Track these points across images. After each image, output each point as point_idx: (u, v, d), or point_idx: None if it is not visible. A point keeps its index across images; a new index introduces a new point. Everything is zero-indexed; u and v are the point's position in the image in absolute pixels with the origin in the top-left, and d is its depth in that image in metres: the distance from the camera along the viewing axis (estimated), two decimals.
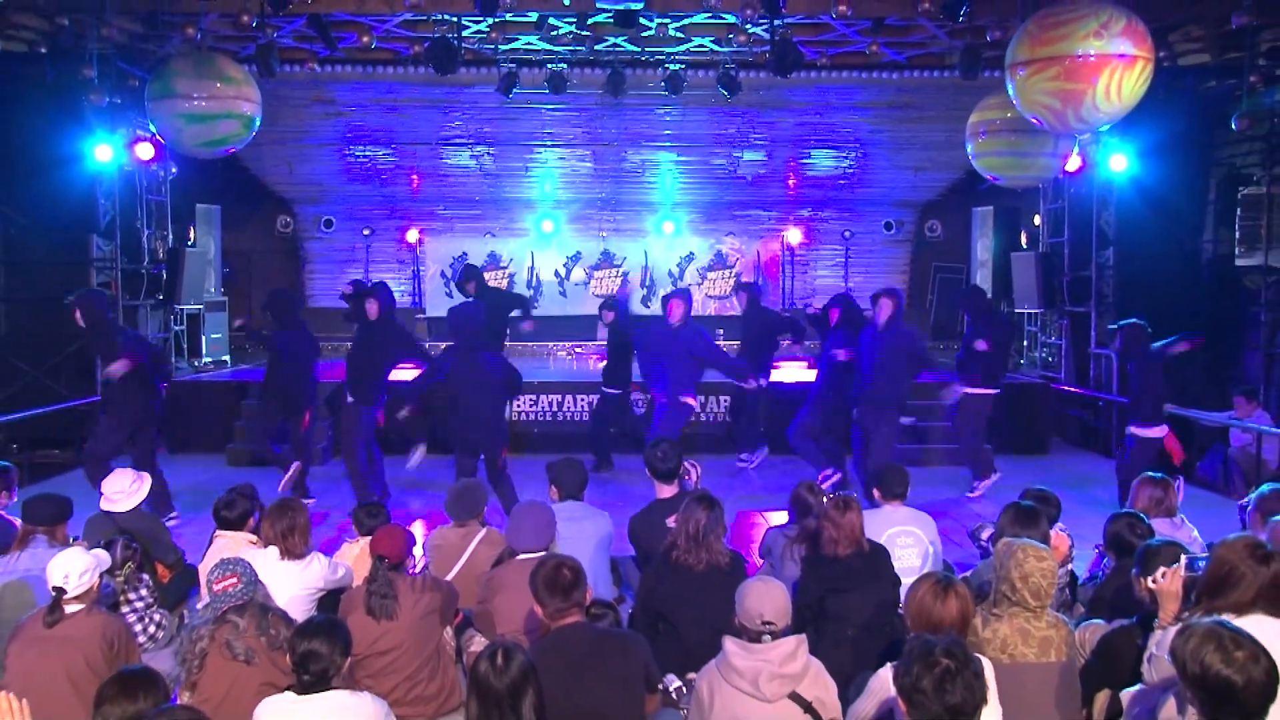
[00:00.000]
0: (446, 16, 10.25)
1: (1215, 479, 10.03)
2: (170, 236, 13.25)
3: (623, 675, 3.93)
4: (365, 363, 8.74)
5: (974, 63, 10.33)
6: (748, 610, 3.78)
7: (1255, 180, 11.06)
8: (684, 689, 4.23)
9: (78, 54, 10.40)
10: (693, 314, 16.17)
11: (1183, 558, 3.91)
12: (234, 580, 4.21)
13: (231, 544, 5.26)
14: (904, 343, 8.64)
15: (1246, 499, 7.01)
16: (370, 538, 5.05)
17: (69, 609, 4.25)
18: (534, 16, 10.34)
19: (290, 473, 9.00)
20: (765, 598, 3.79)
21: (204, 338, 13.91)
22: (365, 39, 10.94)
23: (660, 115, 14.05)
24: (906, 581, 4.44)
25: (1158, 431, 8.46)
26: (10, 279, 11.80)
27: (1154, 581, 3.92)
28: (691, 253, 16.89)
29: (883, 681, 3.66)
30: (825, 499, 5.03)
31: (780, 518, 7.08)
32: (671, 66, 11.60)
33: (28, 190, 11.64)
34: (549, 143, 14.85)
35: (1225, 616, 3.49)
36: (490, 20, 10.39)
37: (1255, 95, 10.07)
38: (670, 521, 5.22)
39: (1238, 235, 11.23)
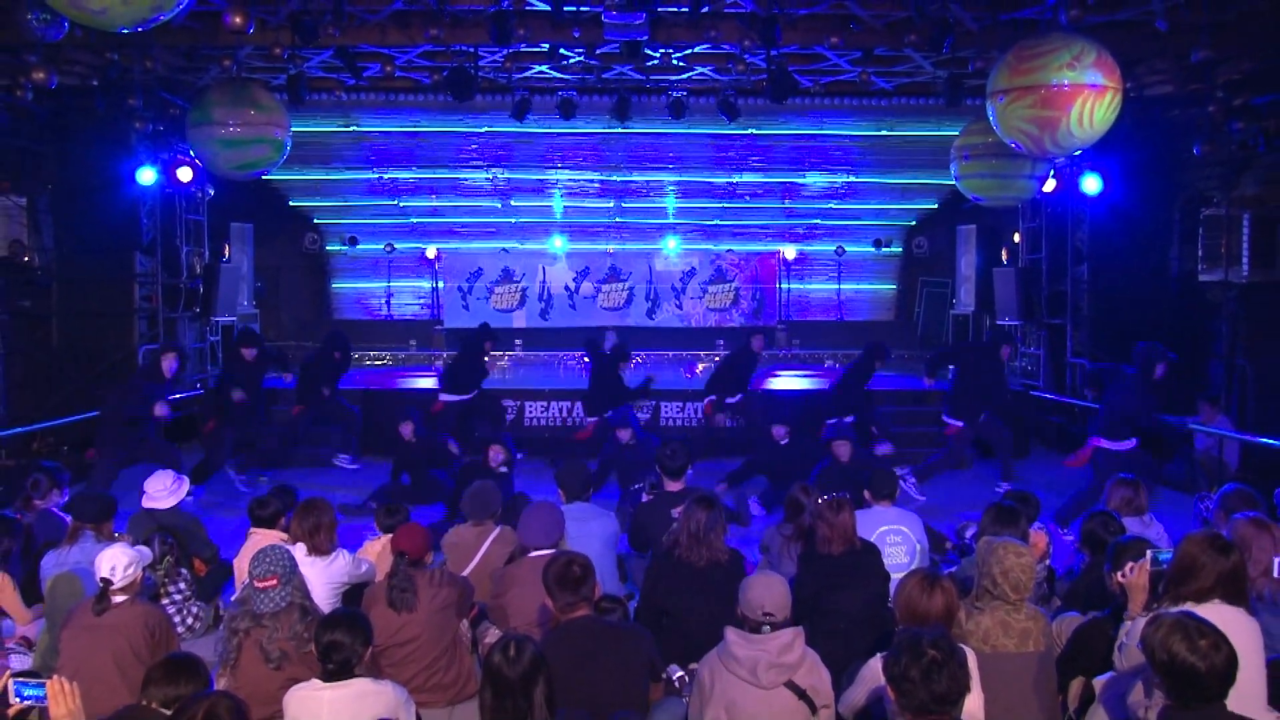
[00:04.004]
0: (464, 47, 10.27)
1: (1181, 480, 10.02)
2: (207, 253, 13.33)
3: (628, 666, 3.94)
4: None
5: (957, 91, 10.34)
6: (750, 602, 3.78)
7: (1215, 202, 11.09)
8: (686, 679, 4.23)
9: (124, 85, 10.47)
10: (692, 326, 16.44)
11: (1148, 552, 3.92)
12: (274, 582, 4.20)
13: (264, 541, 5.28)
14: None
15: (1201, 493, 7.04)
16: (391, 535, 5.07)
17: (115, 599, 4.28)
18: (546, 46, 10.37)
19: None
20: (767, 591, 3.80)
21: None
22: (388, 68, 10.97)
23: (664, 139, 14.09)
24: (896, 577, 4.44)
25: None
26: (62, 293, 11.86)
27: (1122, 576, 3.93)
28: (693, 267, 16.93)
29: (873, 671, 3.67)
30: (819, 499, 5.03)
31: None
32: (674, 93, 11.63)
33: (78, 211, 11.75)
34: (559, 164, 14.89)
35: (1188, 604, 3.51)
36: (505, 50, 10.42)
37: (1215, 124, 10.11)
38: (676, 513, 5.23)
39: (1200, 253, 11.25)
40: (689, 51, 10.81)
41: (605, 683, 3.84)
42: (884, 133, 13.85)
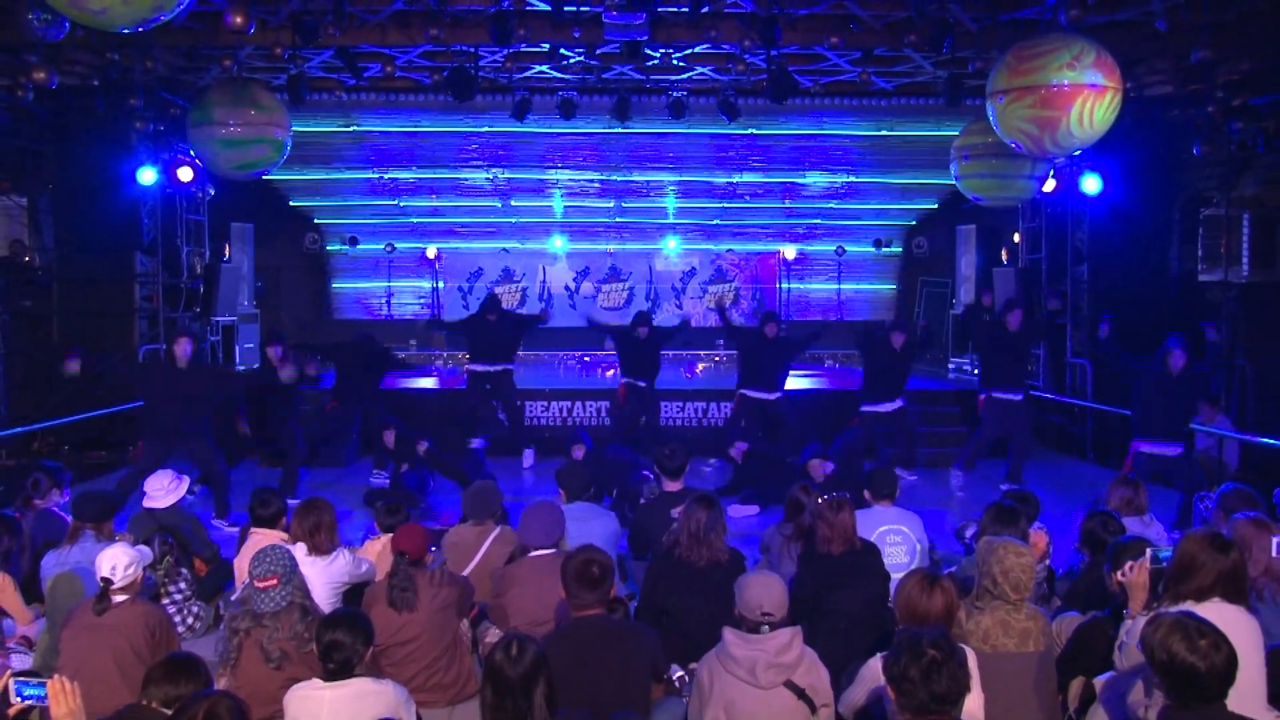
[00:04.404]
0: (464, 47, 10.27)
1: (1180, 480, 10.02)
2: (207, 253, 13.33)
3: (632, 666, 3.94)
4: None
5: (957, 91, 10.34)
6: (747, 602, 3.77)
7: (1215, 202, 11.09)
8: (686, 678, 4.22)
9: (125, 85, 10.48)
10: (693, 326, 16.46)
11: (1147, 551, 3.92)
12: (274, 582, 4.19)
13: (265, 541, 5.28)
14: None
15: (1201, 493, 7.03)
16: (391, 535, 5.06)
17: (115, 599, 4.28)
18: (546, 46, 10.37)
19: None
20: (764, 591, 3.79)
21: (238, 347, 13.95)
22: (388, 69, 10.98)
23: (664, 139, 14.09)
24: (896, 577, 4.44)
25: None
26: (63, 294, 11.86)
27: (1122, 575, 3.93)
28: (694, 267, 16.93)
29: (873, 671, 3.66)
30: (819, 499, 5.03)
31: None
32: (675, 93, 11.64)
33: (79, 211, 11.76)
34: (560, 164, 14.89)
35: (1188, 603, 3.51)
36: (505, 50, 10.42)
37: (1215, 124, 10.11)
38: (675, 513, 5.23)
39: (1200, 253, 11.25)
40: (689, 51, 10.81)
41: (608, 682, 3.84)
42: (884, 133, 13.85)
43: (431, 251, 16.35)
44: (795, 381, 12.33)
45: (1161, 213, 11.92)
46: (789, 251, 16.58)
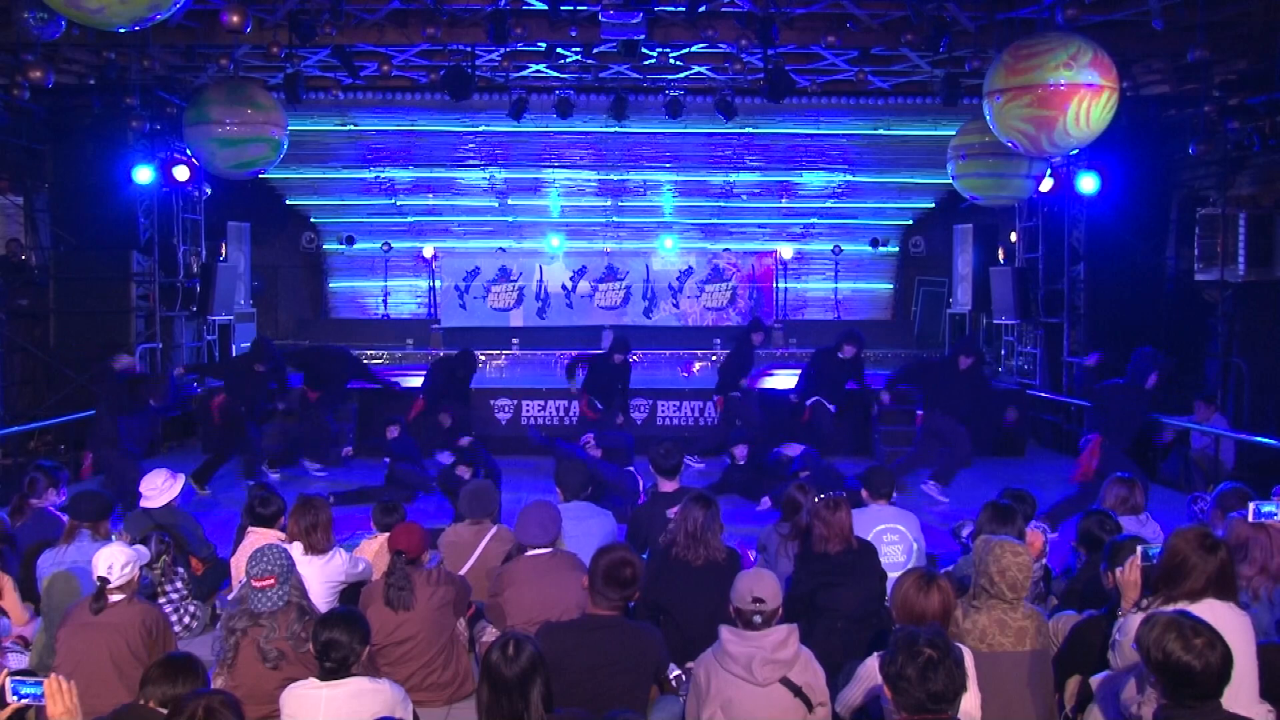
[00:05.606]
0: (461, 46, 10.28)
1: (1176, 478, 10.03)
2: (204, 252, 13.31)
3: (638, 667, 3.94)
4: None
5: (954, 90, 10.36)
6: (739, 591, 3.78)
7: (1211, 201, 11.09)
8: (683, 677, 4.22)
9: (121, 84, 10.47)
10: (689, 325, 16.46)
11: (1138, 548, 3.92)
12: (271, 581, 4.19)
13: (262, 540, 5.27)
14: None
15: (1195, 494, 7.03)
16: (388, 534, 5.06)
17: (112, 598, 4.27)
18: (543, 46, 10.37)
19: None
20: (756, 580, 3.80)
21: (234, 346, 13.93)
22: (385, 68, 10.98)
23: (661, 138, 14.08)
24: (892, 576, 4.44)
25: None
26: (60, 293, 11.85)
27: (1120, 573, 3.93)
28: (690, 267, 16.93)
29: (870, 670, 3.66)
30: (816, 498, 5.02)
31: None
32: (672, 92, 11.64)
33: (76, 211, 11.75)
34: (556, 164, 14.87)
35: (1182, 603, 3.52)
36: (502, 49, 10.41)
37: (1211, 123, 10.13)
38: (671, 513, 5.22)
39: (1197, 252, 11.25)
40: (686, 51, 10.82)
41: (613, 681, 3.84)
42: (881, 132, 13.85)
43: (428, 251, 16.35)
44: (792, 380, 12.31)
45: (1158, 212, 11.93)
46: (786, 251, 16.59)
